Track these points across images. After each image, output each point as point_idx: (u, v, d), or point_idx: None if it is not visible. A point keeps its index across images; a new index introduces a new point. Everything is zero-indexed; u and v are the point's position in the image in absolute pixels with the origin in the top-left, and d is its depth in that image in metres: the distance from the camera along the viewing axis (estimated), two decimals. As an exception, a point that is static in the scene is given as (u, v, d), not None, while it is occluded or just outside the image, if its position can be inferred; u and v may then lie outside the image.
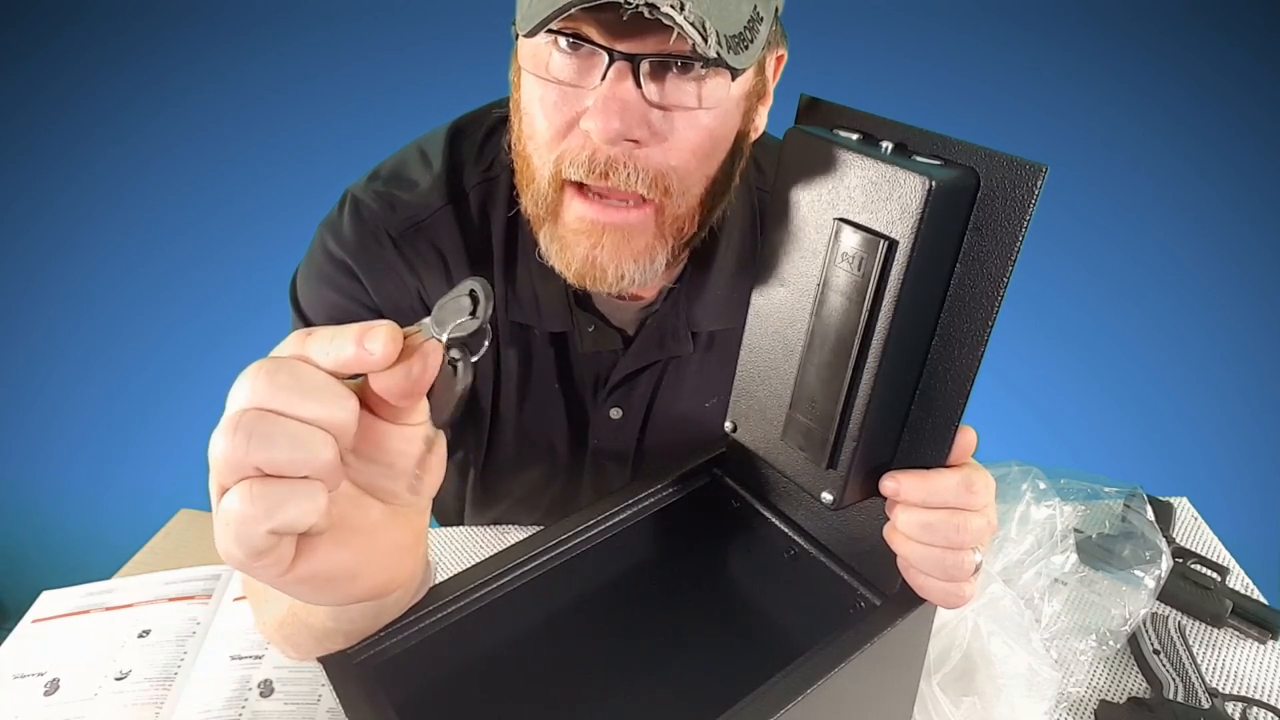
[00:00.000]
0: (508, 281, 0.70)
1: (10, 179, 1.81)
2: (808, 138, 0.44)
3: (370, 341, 0.30)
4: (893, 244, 0.40)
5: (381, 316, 0.67)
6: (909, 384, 0.45)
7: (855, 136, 0.43)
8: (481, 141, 0.71)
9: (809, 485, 0.47)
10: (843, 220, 0.42)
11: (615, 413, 0.78)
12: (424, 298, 0.69)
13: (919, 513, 0.46)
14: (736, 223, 0.71)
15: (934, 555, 0.47)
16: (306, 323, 0.70)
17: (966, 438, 0.46)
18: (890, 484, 0.47)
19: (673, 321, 0.72)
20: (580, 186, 0.56)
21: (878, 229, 0.40)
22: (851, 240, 0.42)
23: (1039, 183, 0.37)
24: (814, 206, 0.44)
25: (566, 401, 0.77)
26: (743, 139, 0.61)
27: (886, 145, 0.42)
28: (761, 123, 0.64)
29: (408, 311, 0.69)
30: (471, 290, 0.32)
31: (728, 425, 0.53)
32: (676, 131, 0.54)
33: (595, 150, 0.54)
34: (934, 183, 0.38)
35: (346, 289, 0.68)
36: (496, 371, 0.75)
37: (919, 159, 0.40)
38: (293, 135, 1.64)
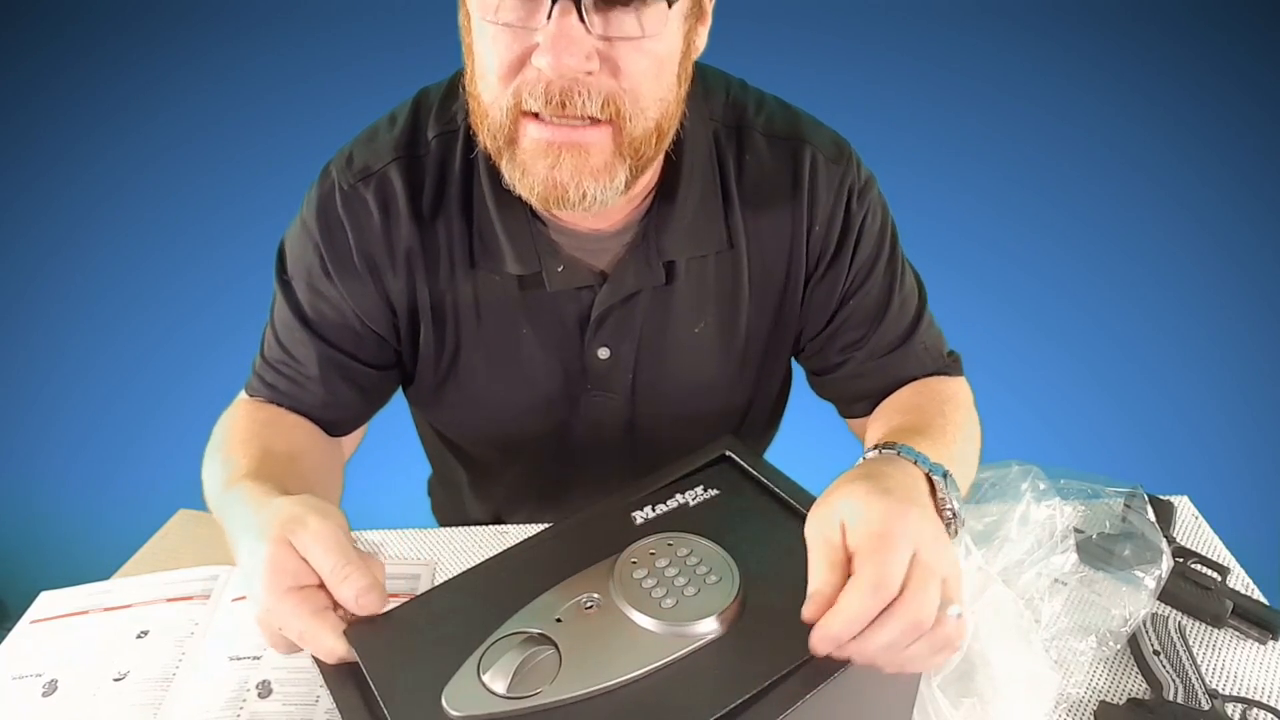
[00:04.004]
0: (468, 228, 0.73)
1: (10, 179, 1.81)
2: None
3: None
4: None
5: (328, 274, 0.73)
6: None
7: None
8: (442, 98, 0.74)
9: None
10: None
11: (604, 352, 0.78)
12: (361, 249, 0.73)
13: (859, 643, 0.44)
14: (697, 153, 0.73)
15: (912, 654, 0.46)
16: (284, 281, 0.76)
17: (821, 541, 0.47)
18: (822, 646, 0.44)
19: (644, 251, 0.74)
20: (536, 114, 0.60)
21: None
22: None
23: None
24: None
25: (544, 350, 0.78)
26: (685, 59, 0.65)
27: None
28: (701, 43, 0.68)
29: (348, 263, 0.73)
30: None
31: None
32: (624, 59, 0.58)
33: (550, 82, 0.57)
34: None
35: (309, 248, 0.74)
36: (458, 327, 0.77)
37: None
38: (293, 135, 1.64)
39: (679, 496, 0.56)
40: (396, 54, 1.59)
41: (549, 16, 0.55)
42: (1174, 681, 0.67)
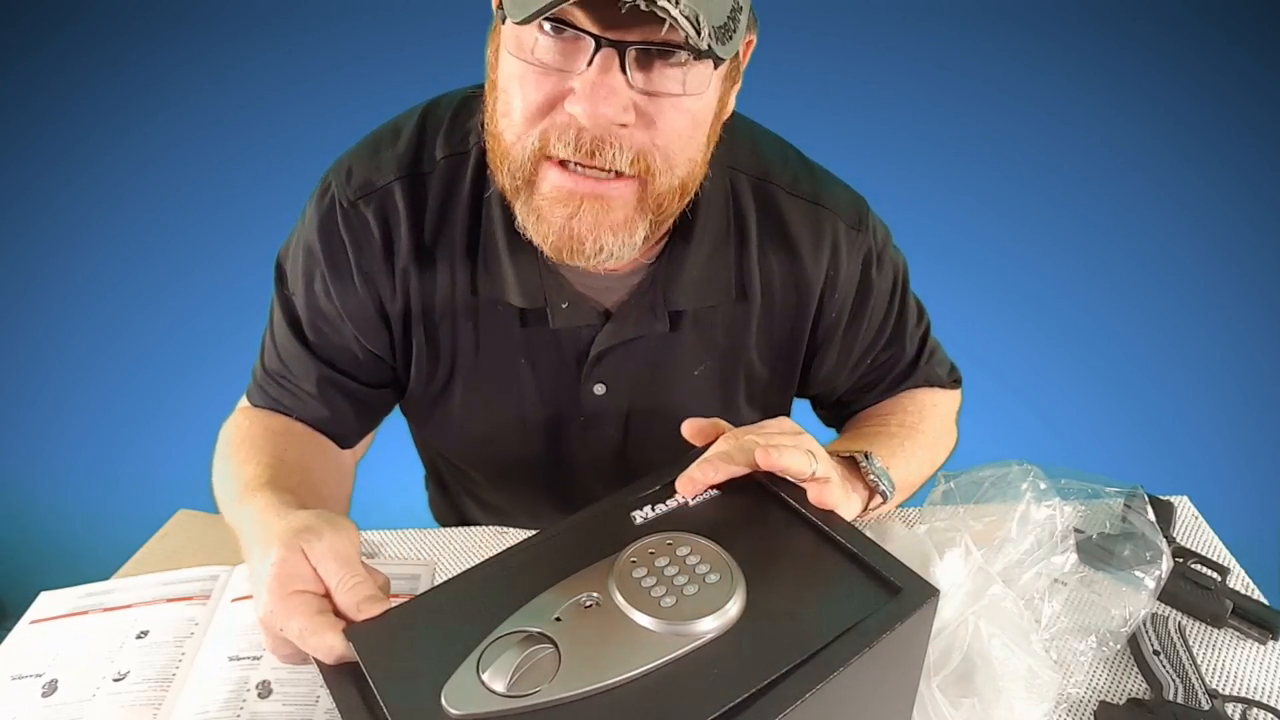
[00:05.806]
0: (471, 257, 0.71)
1: (10, 179, 1.81)
2: None
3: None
4: None
5: (328, 292, 0.72)
6: None
7: None
8: (452, 116, 0.72)
9: None
10: None
11: (599, 389, 0.78)
12: (361, 267, 0.71)
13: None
14: (713, 202, 0.72)
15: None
16: (284, 296, 0.75)
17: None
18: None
19: (650, 299, 0.73)
20: (561, 161, 0.57)
21: None
22: None
23: None
24: None
25: (539, 381, 0.77)
26: (717, 120, 0.63)
27: None
28: (731, 104, 0.66)
29: (348, 281, 0.71)
30: None
31: None
32: (661, 115, 0.56)
33: (581, 130, 0.55)
34: None
35: (310, 265, 0.72)
36: (454, 352, 0.76)
37: None
38: (293, 135, 1.64)
39: (679, 496, 0.57)
40: (396, 54, 1.59)
41: (589, 63, 0.53)
42: (1174, 681, 0.67)
